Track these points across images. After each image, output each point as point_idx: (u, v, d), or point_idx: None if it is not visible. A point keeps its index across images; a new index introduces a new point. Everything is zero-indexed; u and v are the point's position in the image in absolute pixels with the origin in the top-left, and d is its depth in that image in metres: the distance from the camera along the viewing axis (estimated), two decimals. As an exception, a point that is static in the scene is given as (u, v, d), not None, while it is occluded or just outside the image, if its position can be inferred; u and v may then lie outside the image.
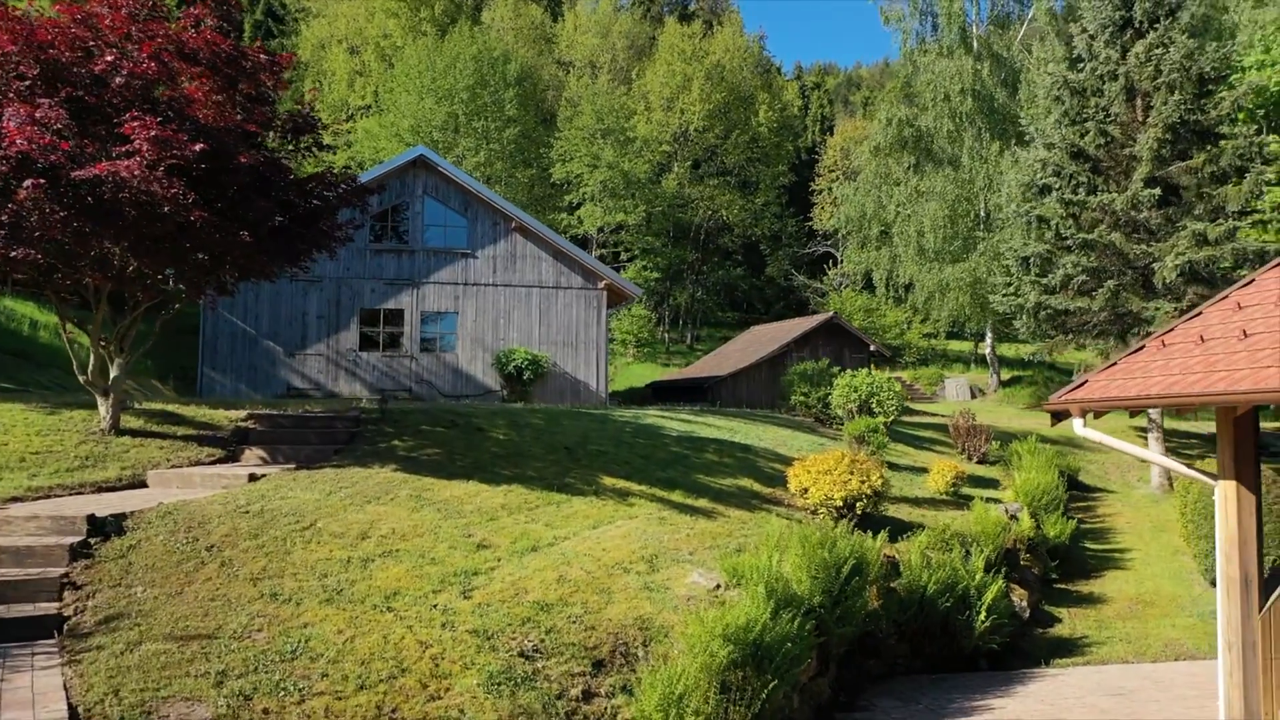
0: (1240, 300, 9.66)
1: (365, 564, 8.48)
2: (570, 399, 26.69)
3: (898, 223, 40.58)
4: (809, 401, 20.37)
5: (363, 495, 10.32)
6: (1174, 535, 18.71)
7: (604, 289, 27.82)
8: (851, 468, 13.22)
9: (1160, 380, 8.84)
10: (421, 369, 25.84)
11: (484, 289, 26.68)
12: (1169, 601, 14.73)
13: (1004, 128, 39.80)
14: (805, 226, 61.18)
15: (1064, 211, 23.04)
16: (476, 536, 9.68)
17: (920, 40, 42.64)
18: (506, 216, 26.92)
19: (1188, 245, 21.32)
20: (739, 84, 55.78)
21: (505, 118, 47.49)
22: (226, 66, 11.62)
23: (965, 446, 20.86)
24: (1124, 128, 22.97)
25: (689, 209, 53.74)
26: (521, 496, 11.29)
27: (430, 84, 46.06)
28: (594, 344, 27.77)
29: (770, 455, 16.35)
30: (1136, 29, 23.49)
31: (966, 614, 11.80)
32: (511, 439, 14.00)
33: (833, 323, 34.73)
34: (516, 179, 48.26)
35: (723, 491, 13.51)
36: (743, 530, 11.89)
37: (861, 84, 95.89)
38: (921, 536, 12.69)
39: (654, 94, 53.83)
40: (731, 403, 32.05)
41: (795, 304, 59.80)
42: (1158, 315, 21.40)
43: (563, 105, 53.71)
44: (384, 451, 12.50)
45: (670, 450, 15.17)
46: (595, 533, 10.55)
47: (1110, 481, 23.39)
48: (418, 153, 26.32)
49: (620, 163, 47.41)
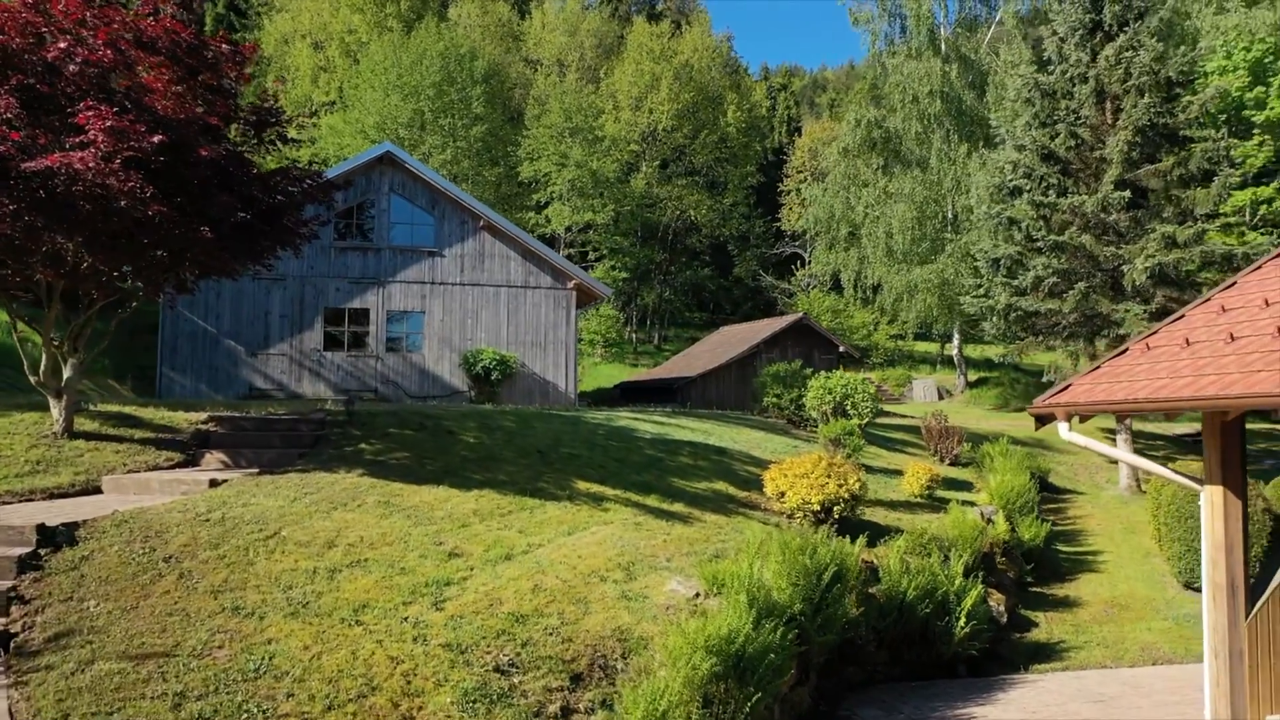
0: (1223, 303, 9.57)
1: (332, 575, 8.12)
2: (539, 400, 26.35)
3: (866, 224, 40.59)
4: (782, 403, 20.18)
5: (329, 501, 9.94)
6: (1144, 537, 18.72)
7: (573, 289, 27.50)
8: (829, 471, 13.02)
9: (1147, 384, 8.69)
10: (387, 369, 25.38)
11: (451, 288, 26.26)
12: (1143, 605, 14.68)
13: (972, 130, 39.96)
14: (773, 227, 61.18)
15: (1035, 213, 23.06)
16: (448, 544, 9.35)
17: (889, 42, 42.73)
18: (475, 215, 26.52)
19: (1157, 248, 21.40)
20: (707, 84, 55.66)
21: (472, 115, 46.98)
22: (187, 56, 11.18)
23: (938, 448, 20.77)
24: (1094, 130, 23.04)
25: (657, 209, 53.51)
26: (494, 502, 10.96)
27: (396, 80, 45.45)
28: (563, 344, 27.44)
29: (745, 458, 16.13)
30: (1106, 32, 23.57)
31: (946, 620, 11.63)
32: (482, 442, 13.66)
33: (802, 323, 34.65)
34: (484, 177, 47.77)
35: (698, 495, 13.26)
36: (719, 535, 11.64)
37: (827, 86, 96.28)
38: (900, 541, 12.51)
39: (622, 93, 53.55)
40: (701, 404, 31.86)
41: (763, 304, 59.78)
42: (1127, 317, 21.46)
43: (530, 104, 53.26)
44: (351, 455, 12.11)
45: (644, 453, 14.90)
46: (570, 539, 10.25)
47: (1079, 483, 23.41)
48: (384, 149, 25.85)
49: (589, 162, 47.07)
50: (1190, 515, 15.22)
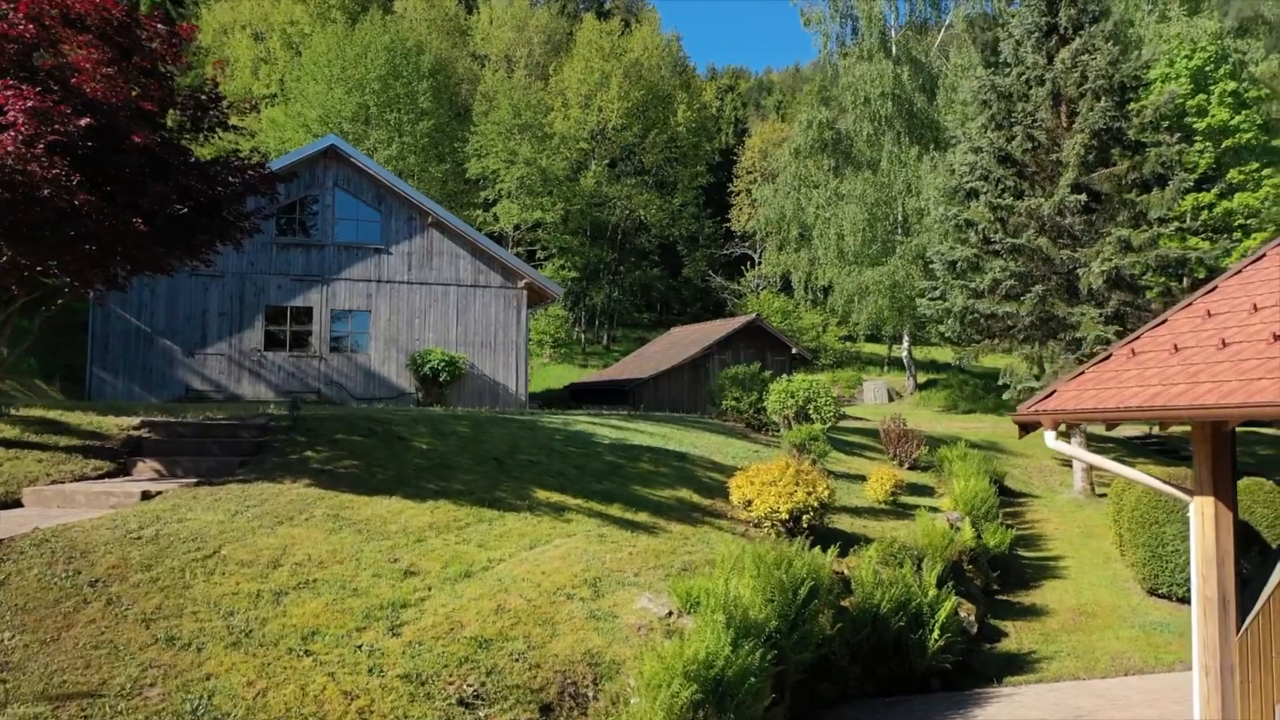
0: (1208, 308, 9.31)
1: (278, 598, 7.44)
2: (489, 402, 25.67)
3: (817, 225, 40.47)
4: (741, 407, 19.77)
5: (273, 515, 9.24)
6: (1103, 541, 18.65)
7: (524, 288, 26.87)
8: (797, 478, 12.60)
9: (1138, 391, 8.37)
10: (331, 370, 24.50)
11: (398, 286, 25.46)
12: (1110, 612, 14.50)
13: (922, 132, 40.05)
14: (722, 228, 60.98)
15: (992, 216, 22.95)
16: (403, 561, 8.71)
17: (840, 43, 42.69)
18: (423, 211, 25.75)
19: (1113, 251, 21.40)
20: (657, 83, 55.24)
21: (418, 110, 46.03)
22: (118, 35, 10.38)
23: (896, 452, 20.53)
24: (1049, 133, 23.00)
25: (606, 208, 52.95)
26: (450, 513, 10.33)
27: (340, 73, 44.35)
28: (513, 345, 26.79)
29: (707, 464, 15.66)
30: (1061, 35, 23.56)
31: (920, 633, 11.26)
32: (436, 449, 12.99)
33: (755, 325, 34.36)
34: (430, 174, 46.82)
35: (662, 504, 12.75)
36: (686, 547, 11.14)
37: (773, 88, 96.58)
38: (870, 551, 12.13)
39: (571, 90, 52.88)
40: (653, 405, 31.40)
41: (712, 305, 59.55)
42: (1084, 321, 21.43)
43: (478, 99, 52.39)
44: (296, 464, 11.37)
45: (604, 460, 14.35)
46: (533, 553, 9.67)
47: (1034, 486, 23.37)
48: (328, 142, 24.97)
49: (538, 159, 46.38)
50: (1154, 522, 15.11)
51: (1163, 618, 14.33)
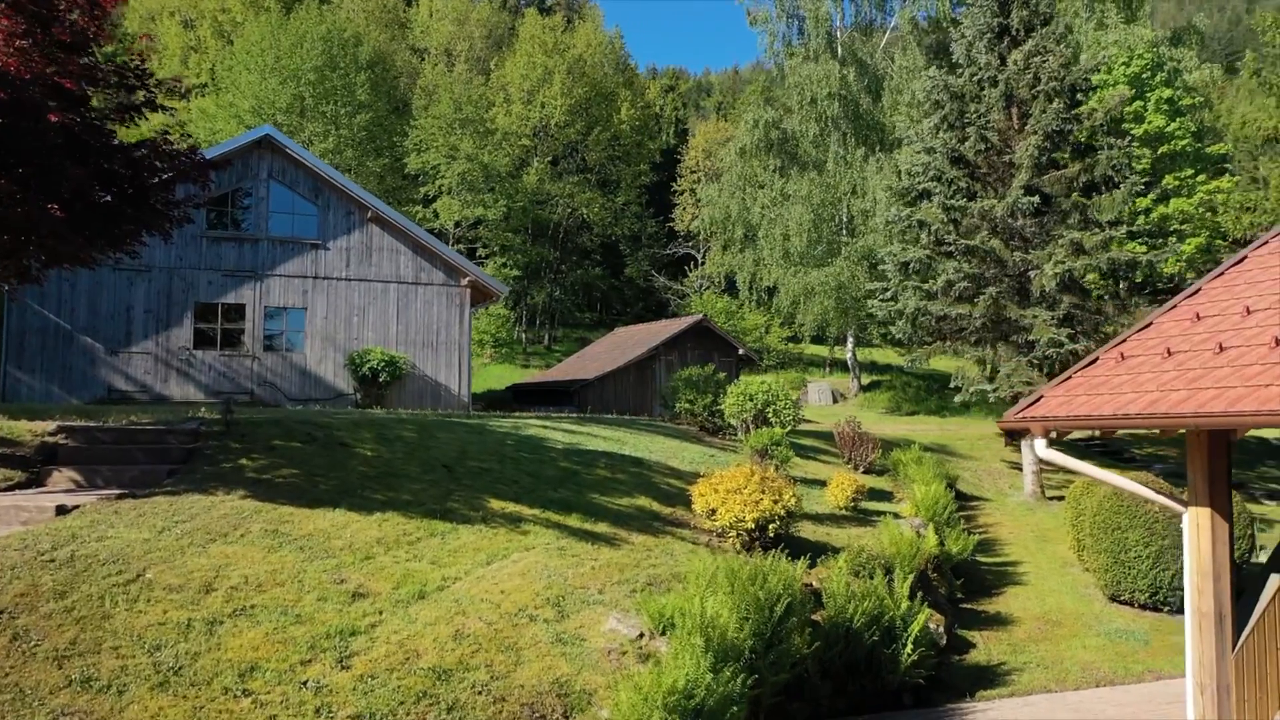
0: (1198, 311, 8.97)
1: (212, 628, 6.67)
2: (430, 403, 24.80)
3: (763, 225, 40.17)
4: (695, 409, 19.23)
5: (206, 532, 8.42)
6: (1059, 545, 18.50)
7: (467, 286, 26.04)
8: (762, 486, 12.07)
9: (1135, 397, 7.97)
10: (265, 370, 23.42)
11: (336, 283, 24.46)
12: (1074, 620, 14.26)
13: (868, 134, 39.99)
14: (666, 227, 60.52)
15: (945, 217, 22.75)
16: (351, 582, 7.98)
17: (787, 43, 42.45)
18: (362, 205, 24.78)
19: (1066, 254, 21.31)
20: (600, 80, 54.54)
21: (356, 103, 44.76)
22: (34, 4, 9.45)
23: (851, 456, 20.18)
24: (1001, 134, 22.88)
25: (548, 206, 52.10)
26: (400, 527, 9.59)
27: (274, 63, 42.90)
28: (456, 344, 25.94)
29: (664, 470, 15.08)
30: (1013, 37, 23.47)
31: (892, 647, 10.81)
32: (381, 455, 12.20)
33: (702, 325, 33.88)
34: (367, 168, 45.58)
35: (622, 513, 12.13)
36: (649, 560, 10.55)
37: (712, 90, 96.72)
38: (840, 561, 11.66)
39: (514, 86, 51.92)
40: (599, 407, 30.76)
41: (655, 305, 59.07)
42: (1036, 323, 21.31)
43: (417, 93, 51.20)
44: (230, 473, 10.51)
45: (559, 466, 13.67)
46: (490, 570, 8.99)
47: (985, 489, 23.25)
48: (263, 132, 23.88)
49: (479, 155, 45.39)
50: (1116, 527, 14.92)
51: (1126, 625, 14.12)
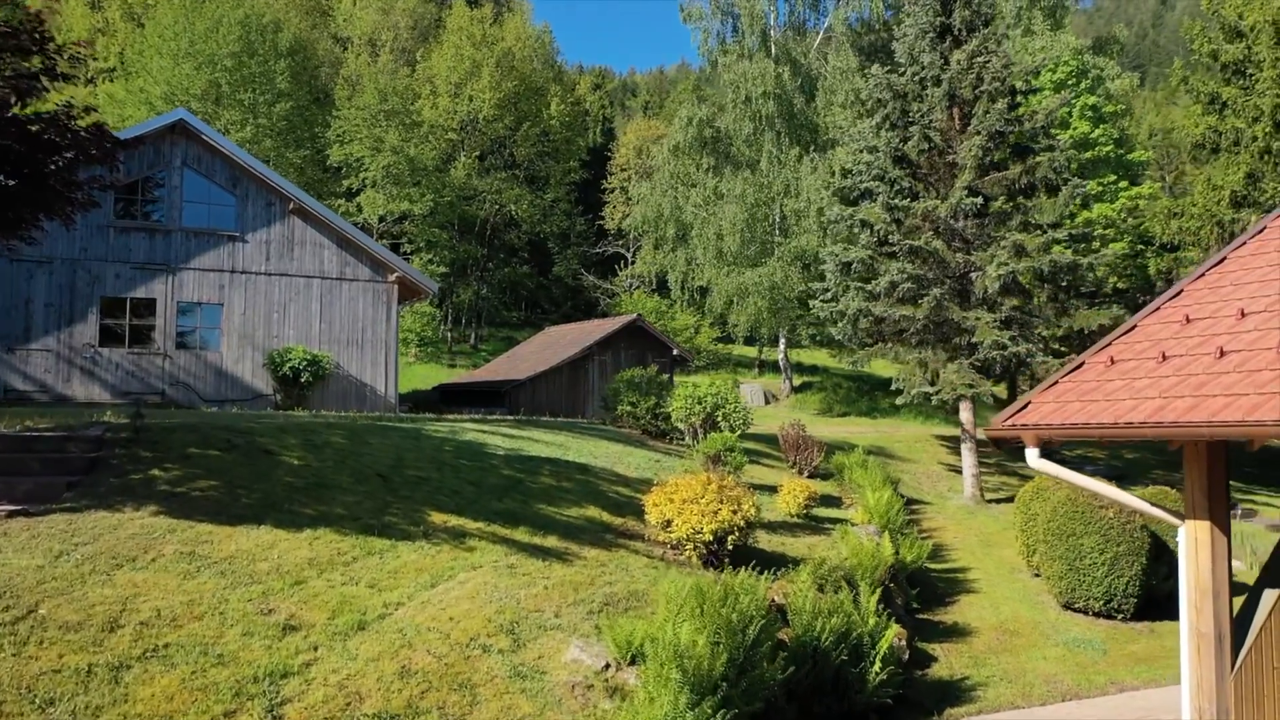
0: (1187, 313, 8.54)
1: (117, 675, 5.71)
2: (355, 404, 23.64)
3: (696, 224, 39.64)
4: (638, 412, 18.51)
5: (111, 556, 7.40)
6: (1004, 550, 18.26)
7: (395, 282, 24.94)
8: (720, 495, 11.41)
9: (1134, 404, 7.47)
10: (177, 369, 22.01)
11: (255, 278, 23.15)
12: (1031, 629, 13.90)
13: (801, 134, 39.76)
14: (595, 226, 59.70)
15: (888, 217, 22.44)
16: (280, 612, 7.05)
17: (720, 40, 41.98)
18: (283, 196, 23.50)
19: (1008, 256, 21.15)
20: (529, 75, 53.47)
21: (276, 91, 43.01)
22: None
23: (796, 460, 19.68)
24: (943, 134, 22.67)
25: (476, 202, 50.83)
26: (333, 545, 8.67)
27: (188, 48, 40.95)
28: (382, 343, 24.82)
29: (611, 476, 14.32)
30: (955, 37, 23.30)
31: (860, 665, 10.23)
32: (310, 464, 11.19)
33: (636, 325, 33.19)
34: (287, 159, 43.81)
35: (571, 525, 11.35)
36: (605, 576, 9.80)
37: (638, 90, 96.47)
38: (804, 575, 11.03)
39: (440, 78, 50.53)
40: (531, 408, 29.88)
41: (584, 305, 58.23)
42: (978, 325, 21.10)
43: (340, 84, 49.51)
44: (140, 486, 9.42)
45: (501, 474, 12.81)
46: (435, 593, 8.14)
47: (924, 492, 23.00)
48: (177, 116, 22.46)
49: (405, 148, 44.00)
50: (1071, 533, 14.63)
51: (1083, 633, 13.82)
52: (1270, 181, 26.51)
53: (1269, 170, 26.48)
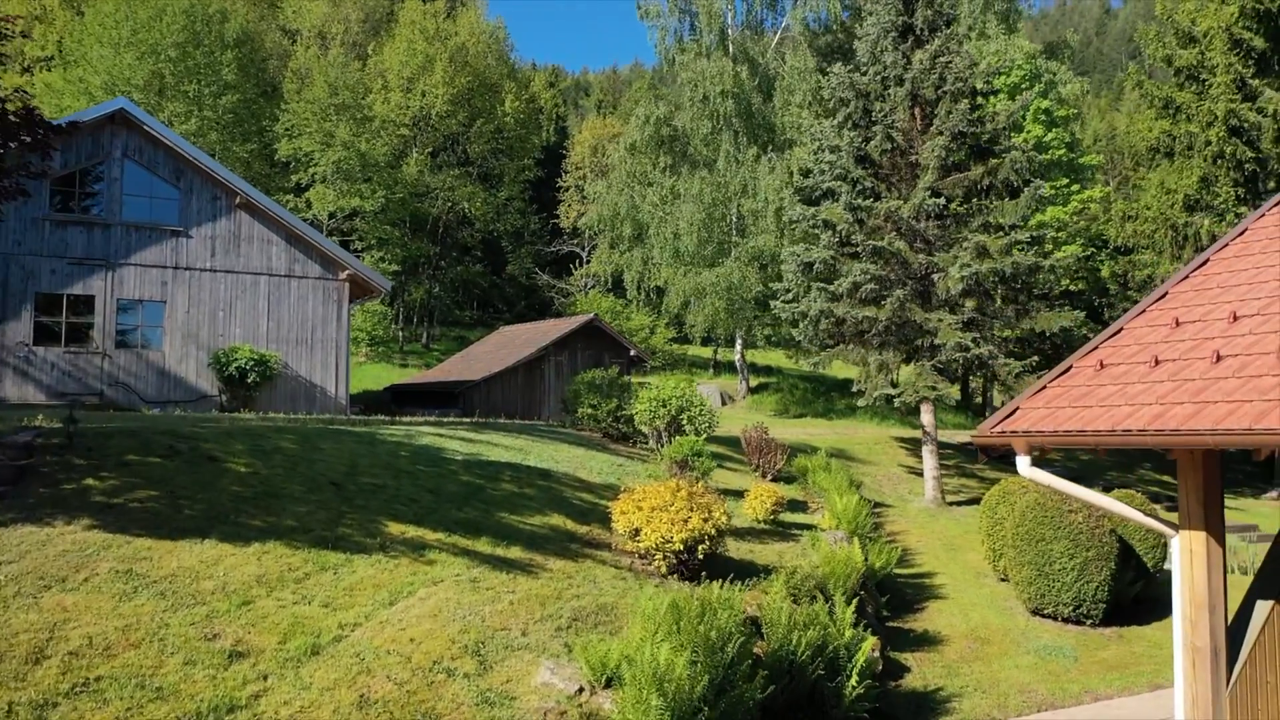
0: (1177, 316, 8.31)
1: (41, 715, 5.14)
2: (304, 405, 22.89)
3: (653, 224, 39.24)
4: (599, 415, 18.03)
5: (39, 576, 6.78)
6: (969, 554, 18.09)
7: (346, 280, 24.24)
8: (691, 502, 10.99)
9: (1131, 410, 7.19)
10: (117, 369, 21.12)
11: (200, 274, 22.31)
12: (1002, 637, 13.69)
13: (759, 133, 39.54)
14: (550, 224, 59.03)
15: (851, 217, 22.20)
16: (226, 637, 6.49)
17: (678, 38, 41.61)
18: (230, 190, 22.68)
19: (971, 257, 21.01)
20: (484, 70, 52.66)
21: (222, 83, 41.84)
22: None
23: (759, 463, 19.34)
24: (905, 134, 22.50)
25: (428, 199, 49.92)
26: (283, 560, 8.10)
27: (130, 36, 39.64)
28: (333, 343, 24.10)
29: (573, 482, 13.84)
30: (917, 37, 23.15)
31: (837, 679, 9.87)
32: (258, 471, 10.55)
33: (593, 325, 32.71)
34: (234, 153, 42.66)
35: (535, 535, 10.85)
36: (572, 589, 9.35)
37: (591, 89, 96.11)
38: (778, 585, 10.65)
39: (393, 73, 49.54)
40: (486, 410, 29.25)
41: (538, 304, 57.59)
42: (941, 327, 20.95)
43: (289, 77, 48.37)
44: (73, 497, 8.75)
45: (461, 480, 12.27)
46: (395, 611, 7.62)
47: (886, 495, 22.81)
48: (117, 105, 21.54)
49: (356, 142, 43.05)
50: (1041, 539, 14.42)
51: (1053, 641, 13.62)
52: (1224, 186, 26.77)
53: (1222, 174, 26.73)
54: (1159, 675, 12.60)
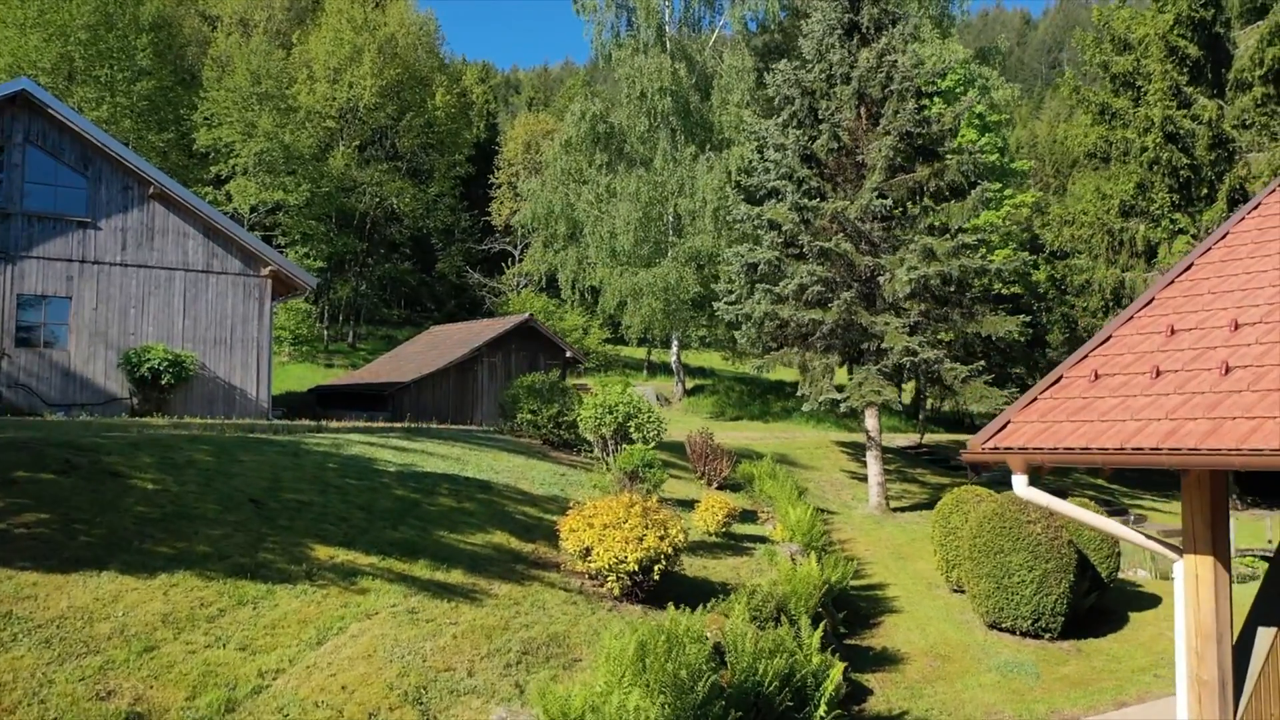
0: (1172, 324, 7.78)
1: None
2: (223, 409, 21.57)
3: (589, 223, 38.38)
4: (539, 421, 17.15)
5: (-106, 624, 5.74)
6: (918, 563, 17.69)
7: (268, 276, 22.96)
8: (646, 519, 10.24)
9: (1139, 426, 6.60)
10: (18, 369, 19.59)
11: (109, 269, 20.86)
12: (962, 653, 13.20)
13: (697, 131, 38.97)
14: (481, 222, 57.76)
15: (797, 217, 21.67)
16: (123, 694, 5.54)
17: (615, 34, 40.82)
18: (143, 179, 21.24)
19: (918, 259, 20.64)
20: (414, 63, 51.19)
21: (136, 68, 39.81)
22: None
23: (705, 470, 18.69)
24: (851, 134, 22.07)
25: (355, 194, 48.29)
26: (195, 594, 7.12)
27: (36, 16, 37.47)
28: (254, 342, 22.80)
29: (515, 494, 12.97)
30: (864, 35, 22.76)
31: (805, 710, 9.20)
32: (168, 489, 9.48)
33: (528, 325, 31.75)
34: (149, 142, 40.66)
35: (478, 555, 9.98)
36: (520, 618, 8.52)
37: (521, 86, 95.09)
38: (740, 608, 9.94)
39: (319, 63, 47.81)
40: (417, 413, 28.12)
41: (469, 303, 56.29)
42: (888, 330, 20.53)
43: (208, 64, 46.38)
44: (-54, 522, 7.67)
45: (394, 494, 11.31)
46: (323, 653, 6.71)
47: (830, 501, 22.37)
48: (19, 86, 19.95)
49: (280, 134, 41.37)
50: (999, 550, 13.98)
51: (1013, 657, 13.17)
52: (1159, 192, 26.95)
53: (1158, 180, 26.90)
54: (1121, 692, 12.24)
